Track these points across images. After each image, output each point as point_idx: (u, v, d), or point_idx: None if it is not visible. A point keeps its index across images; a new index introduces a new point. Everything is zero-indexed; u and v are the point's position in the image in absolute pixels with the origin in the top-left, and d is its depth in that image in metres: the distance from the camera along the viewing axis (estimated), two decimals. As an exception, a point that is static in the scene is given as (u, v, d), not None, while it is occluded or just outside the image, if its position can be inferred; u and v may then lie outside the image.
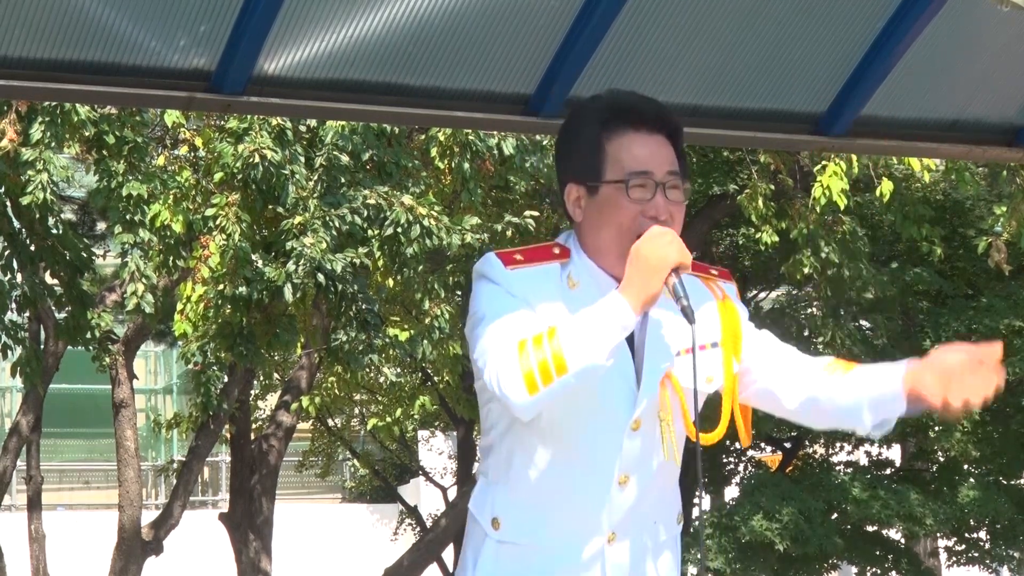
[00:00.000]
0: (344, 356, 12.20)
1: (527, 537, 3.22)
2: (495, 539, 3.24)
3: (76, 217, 17.01)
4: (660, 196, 3.17)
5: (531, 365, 3.00)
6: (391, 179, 11.64)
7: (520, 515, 3.23)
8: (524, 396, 3.02)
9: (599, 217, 3.20)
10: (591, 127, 3.23)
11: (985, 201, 17.16)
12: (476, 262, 3.27)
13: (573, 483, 3.19)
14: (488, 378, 3.07)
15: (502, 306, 3.14)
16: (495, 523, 3.24)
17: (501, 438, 3.25)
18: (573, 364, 2.99)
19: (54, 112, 10.44)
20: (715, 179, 16.75)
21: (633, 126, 3.20)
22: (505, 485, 3.25)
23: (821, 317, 16.94)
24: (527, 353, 3.01)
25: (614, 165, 3.18)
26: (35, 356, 12.34)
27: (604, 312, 3.02)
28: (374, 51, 4.74)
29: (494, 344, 3.08)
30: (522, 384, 3.01)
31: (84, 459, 29.52)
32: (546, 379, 3.00)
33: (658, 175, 3.17)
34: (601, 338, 3.00)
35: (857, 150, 7.61)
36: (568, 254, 3.23)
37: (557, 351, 2.99)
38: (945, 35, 5.21)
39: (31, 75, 4.50)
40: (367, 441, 25.75)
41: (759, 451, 20.59)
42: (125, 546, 14.63)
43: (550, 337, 3.01)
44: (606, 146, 3.19)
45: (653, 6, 4.89)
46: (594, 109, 3.26)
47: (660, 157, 3.19)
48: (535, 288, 3.16)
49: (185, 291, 11.92)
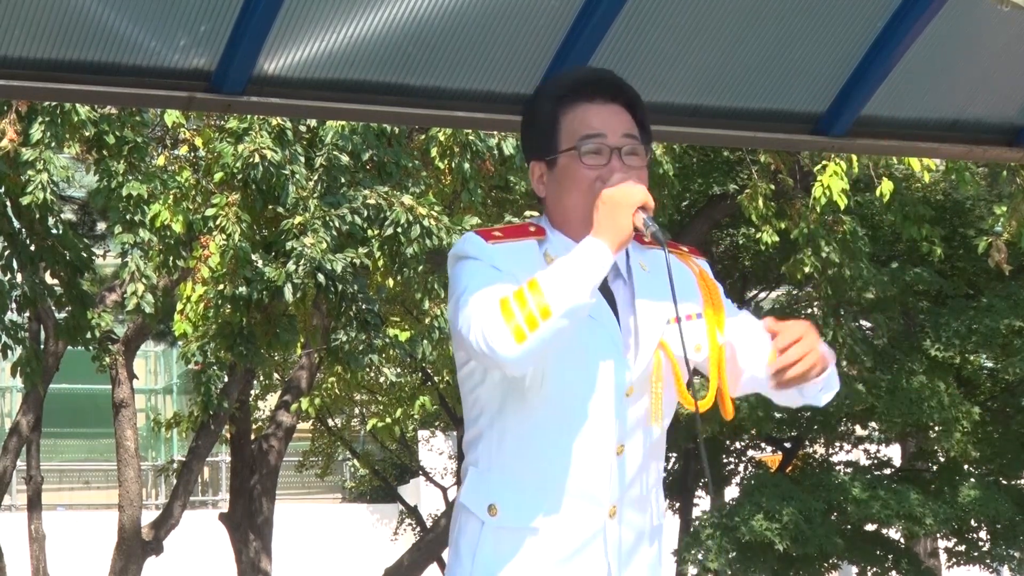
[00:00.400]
0: (344, 356, 12.20)
1: (527, 518, 3.20)
2: (493, 526, 3.22)
3: (76, 217, 17.01)
4: (616, 160, 3.20)
5: (516, 317, 3.01)
6: (391, 179, 11.64)
7: (518, 497, 3.21)
8: (513, 348, 3.02)
9: (559, 188, 3.24)
10: (547, 103, 3.28)
11: (985, 201, 17.16)
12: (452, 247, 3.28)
13: (571, 455, 3.18)
14: (474, 338, 3.06)
15: (485, 277, 3.15)
16: (492, 509, 3.22)
17: (491, 423, 3.24)
18: (557, 307, 3.00)
19: (54, 112, 10.44)
20: (715, 179, 16.76)
21: (587, 97, 3.24)
22: (500, 470, 3.22)
23: (821, 317, 16.93)
24: (510, 307, 3.02)
25: (567, 136, 3.23)
26: (35, 356, 12.34)
27: (581, 254, 3.05)
28: (374, 51, 4.74)
29: (477, 307, 3.08)
30: (510, 336, 3.01)
31: (84, 459, 29.52)
32: (532, 326, 3.01)
33: (611, 139, 3.21)
34: (582, 277, 3.03)
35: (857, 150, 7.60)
36: (543, 232, 3.26)
37: (540, 297, 3.01)
38: (945, 35, 5.21)
39: (31, 75, 4.50)
40: (367, 441, 25.75)
41: (759, 451, 20.59)
42: (125, 546, 14.63)
43: (531, 287, 3.03)
44: (561, 120, 3.24)
45: (653, 6, 4.89)
46: (550, 87, 3.33)
47: (614, 122, 3.23)
48: (518, 261, 3.19)
49: (185, 291, 11.92)
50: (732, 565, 17.66)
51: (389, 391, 18.60)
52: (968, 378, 18.24)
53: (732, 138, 5.66)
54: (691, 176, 16.76)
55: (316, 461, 24.15)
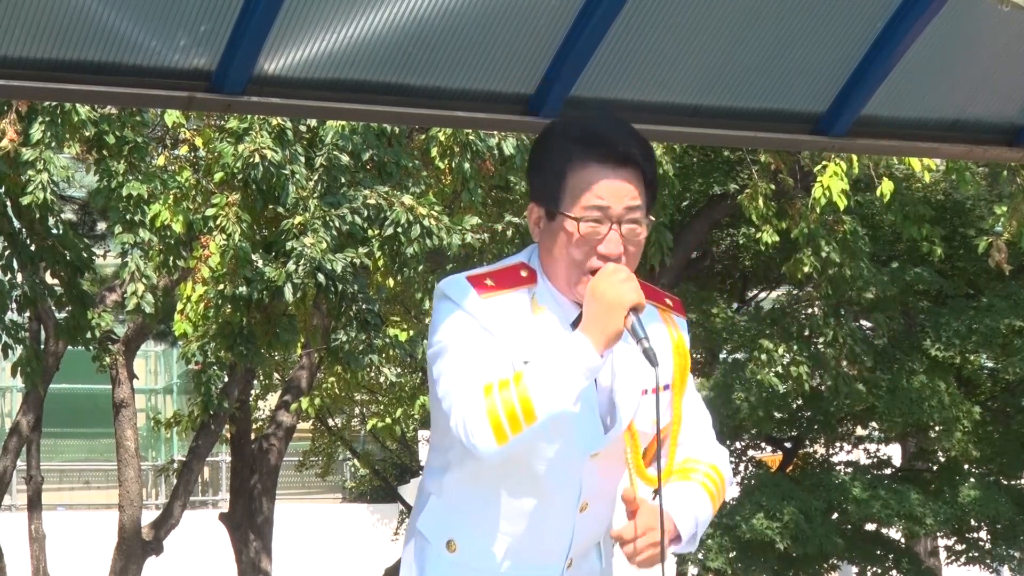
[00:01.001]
0: (344, 356, 12.20)
1: (486, 562, 3.20)
2: (448, 561, 3.22)
3: (76, 217, 17.01)
4: (615, 233, 3.13)
5: (499, 413, 2.98)
6: (391, 179, 11.64)
7: (480, 540, 3.21)
8: (492, 445, 3.00)
9: (553, 244, 3.17)
10: (558, 153, 3.19)
11: (985, 201, 17.16)
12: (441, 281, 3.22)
13: (537, 511, 3.18)
14: (454, 424, 3.03)
15: (468, 340, 3.09)
16: (451, 545, 3.22)
17: (461, 462, 3.21)
18: (541, 411, 2.98)
19: (54, 112, 10.44)
20: (715, 179, 16.75)
21: (598, 159, 3.15)
22: (464, 509, 3.22)
23: (821, 317, 16.93)
24: (494, 400, 2.99)
25: (572, 196, 3.15)
26: (35, 356, 12.34)
27: (569, 355, 2.99)
28: (374, 51, 4.74)
29: (459, 387, 3.05)
30: (490, 433, 2.99)
31: (84, 459, 29.51)
32: (515, 428, 2.98)
33: (615, 210, 3.13)
34: (568, 383, 2.98)
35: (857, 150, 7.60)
36: (534, 277, 3.20)
37: (525, 398, 2.97)
38: (945, 35, 5.21)
39: (31, 75, 4.50)
40: (367, 441, 25.75)
41: (759, 451, 20.58)
42: (125, 546, 14.63)
43: (516, 383, 2.98)
44: (568, 175, 3.15)
45: (653, 6, 4.89)
46: (564, 134, 3.21)
47: (621, 192, 3.14)
48: (505, 316, 3.13)
49: (185, 291, 11.92)
50: (732, 564, 17.65)
51: (389, 391, 18.59)
52: (968, 378, 18.23)
53: (732, 138, 5.66)
54: (691, 176, 16.75)
55: (316, 461, 24.14)
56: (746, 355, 17.20)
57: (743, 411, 16.91)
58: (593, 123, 3.23)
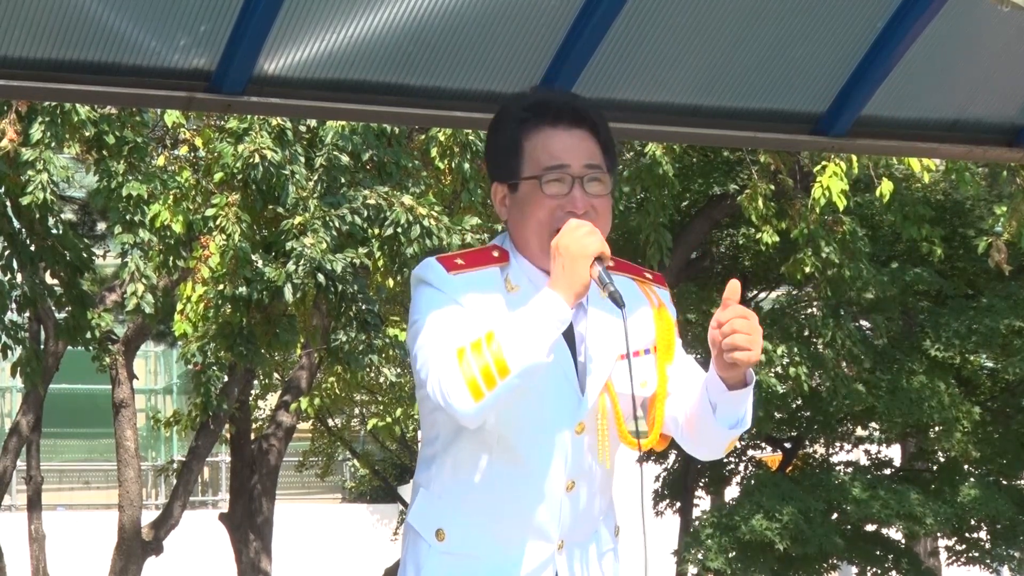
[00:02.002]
0: (344, 356, 12.20)
1: (476, 548, 3.19)
2: (439, 551, 3.21)
3: (76, 217, 17.02)
4: (578, 190, 3.16)
5: (473, 372, 3.00)
6: (391, 179, 11.64)
7: (467, 526, 3.20)
8: (470, 404, 3.01)
9: (520, 214, 3.21)
10: (511, 126, 3.24)
11: (985, 201, 17.15)
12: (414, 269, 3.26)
13: (522, 491, 3.17)
14: (431, 389, 3.06)
15: (441, 313, 3.12)
16: (439, 534, 3.21)
17: (446, 449, 3.22)
18: (515, 365, 2.99)
19: (54, 112, 10.44)
20: (715, 179, 16.75)
21: (550, 122, 3.20)
22: (450, 496, 3.22)
23: (821, 317, 16.93)
24: (467, 360, 3.01)
25: (531, 162, 3.19)
26: (35, 356, 12.34)
27: (539, 309, 3.02)
28: (374, 51, 4.74)
29: (434, 354, 3.07)
30: (466, 392, 3.00)
31: (84, 459, 29.51)
32: (490, 384, 2.99)
33: (575, 168, 3.17)
34: (539, 335, 3.00)
35: (857, 150, 7.60)
36: (507, 257, 3.24)
37: (497, 354, 2.99)
38: (945, 35, 5.21)
39: (31, 75, 4.50)
40: (367, 441, 25.75)
41: (759, 451, 20.58)
42: (125, 546, 14.63)
43: (488, 341, 3.00)
44: (524, 144, 3.20)
45: (653, 6, 4.89)
46: (514, 108, 3.27)
47: (578, 150, 3.18)
48: (477, 293, 3.16)
49: (185, 291, 11.92)
50: (732, 565, 17.65)
51: (389, 391, 18.60)
52: (968, 378, 18.23)
53: (732, 138, 5.66)
54: (691, 176, 16.75)
55: (316, 461, 24.15)
56: (746, 355, 17.16)
57: (743, 411, 16.87)
58: (540, 94, 3.32)
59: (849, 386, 16.90)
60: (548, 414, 3.15)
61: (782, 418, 18.79)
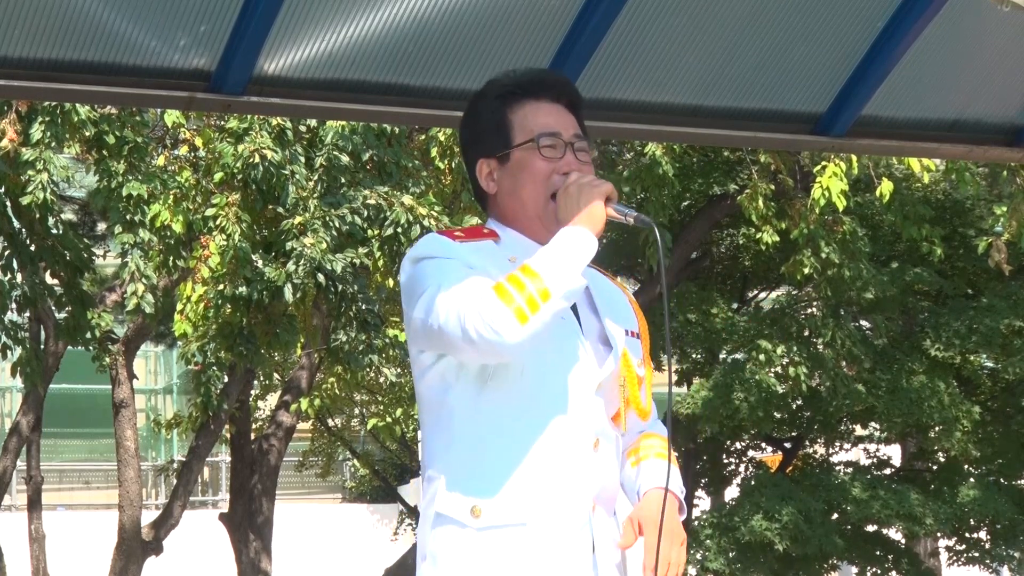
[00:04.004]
0: (344, 356, 12.20)
1: (514, 515, 3.16)
2: (475, 529, 3.17)
3: (76, 217, 17.02)
4: (570, 154, 3.31)
5: (516, 300, 3.08)
6: (391, 179, 11.63)
7: (503, 495, 3.17)
8: (518, 329, 3.08)
9: (514, 182, 3.31)
10: (493, 103, 3.37)
11: (985, 201, 17.16)
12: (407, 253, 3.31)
13: (553, 449, 3.18)
14: (471, 326, 3.08)
15: (460, 273, 3.18)
16: (475, 511, 3.17)
17: (464, 426, 3.21)
18: (556, 288, 3.09)
19: (54, 112, 10.44)
20: (715, 179, 16.76)
21: (533, 96, 3.35)
22: (480, 472, 3.19)
23: (821, 317, 16.94)
24: (508, 292, 3.09)
25: (521, 131, 3.32)
26: (35, 356, 12.34)
27: (567, 240, 3.15)
28: (374, 51, 4.74)
29: (467, 297, 3.12)
30: (513, 318, 3.07)
31: (84, 459, 29.52)
32: (534, 308, 3.08)
33: (566, 136, 3.32)
34: (572, 260, 3.12)
35: (857, 150, 7.60)
36: (495, 234, 3.33)
37: (537, 281, 3.09)
38: (945, 35, 5.21)
39: (31, 75, 4.50)
40: (367, 441, 25.75)
41: (759, 451, 20.59)
42: (125, 546, 14.63)
43: (525, 272, 3.11)
44: (510, 117, 3.33)
45: (653, 6, 4.89)
46: (493, 88, 3.39)
47: (565, 121, 3.34)
48: (486, 259, 3.24)
49: (185, 291, 11.92)
50: (732, 565, 17.65)
51: (389, 391, 18.60)
52: (968, 378, 18.24)
53: (732, 138, 5.66)
54: (691, 176, 16.75)
55: (316, 461, 24.14)
56: (745, 355, 17.20)
57: (742, 411, 16.90)
58: (521, 71, 3.44)
59: (849, 386, 16.90)
60: (568, 372, 3.21)
61: (782, 418, 18.79)
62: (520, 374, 3.18)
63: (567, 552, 3.17)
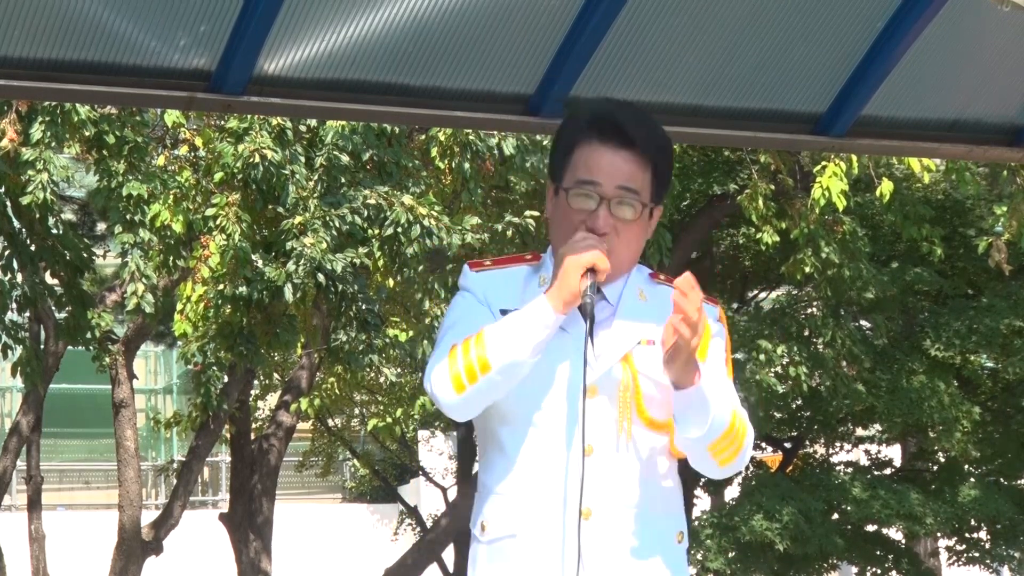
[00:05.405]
0: (344, 356, 12.20)
1: (507, 527, 3.27)
2: (484, 543, 3.31)
3: (76, 217, 17.01)
4: (604, 209, 3.26)
5: (458, 367, 3.19)
6: (391, 179, 11.63)
7: (502, 510, 3.29)
8: (451, 395, 3.20)
9: (554, 218, 3.35)
10: (570, 131, 3.34)
11: (985, 201, 17.16)
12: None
13: (542, 458, 3.25)
14: (425, 381, 3.26)
15: (459, 314, 3.33)
16: (482, 527, 3.32)
17: (483, 447, 3.37)
18: (496, 361, 3.16)
19: (54, 112, 10.44)
20: (715, 179, 16.75)
21: (600, 138, 3.28)
22: (490, 489, 3.32)
23: (821, 317, 16.93)
24: (456, 356, 3.20)
25: (572, 172, 3.30)
26: (35, 356, 12.34)
27: (528, 313, 3.19)
28: (374, 51, 4.74)
29: (436, 354, 3.28)
30: (450, 384, 3.20)
31: (84, 459, 29.52)
32: (471, 378, 3.18)
33: (606, 188, 3.25)
34: (524, 336, 3.16)
35: (857, 150, 7.61)
36: (539, 258, 3.38)
37: (481, 352, 3.17)
38: (945, 35, 5.21)
39: (31, 75, 4.50)
40: (367, 441, 25.74)
41: (759, 451, 20.59)
42: (125, 546, 14.63)
43: (477, 340, 3.19)
44: (575, 151, 3.30)
45: (653, 6, 4.89)
46: (579, 113, 3.37)
47: (615, 171, 3.26)
48: (497, 288, 3.33)
49: (185, 291, 11.91)
50: (732, 565, 17.65)
51: (389, 391, 18.59)
52: (968, 378, 18.23)
53: (732, 138, 5.67)
54: (691, 176, 16.75)
55: (316, 461, 24.14)
56: (746, 355, 17.20)
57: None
58: (607, 105, 3.37)
59: (849, 386, 16.90)
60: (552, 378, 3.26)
61: (782, 418, 18.79)
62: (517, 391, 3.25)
63: (552, 562, 3.22)
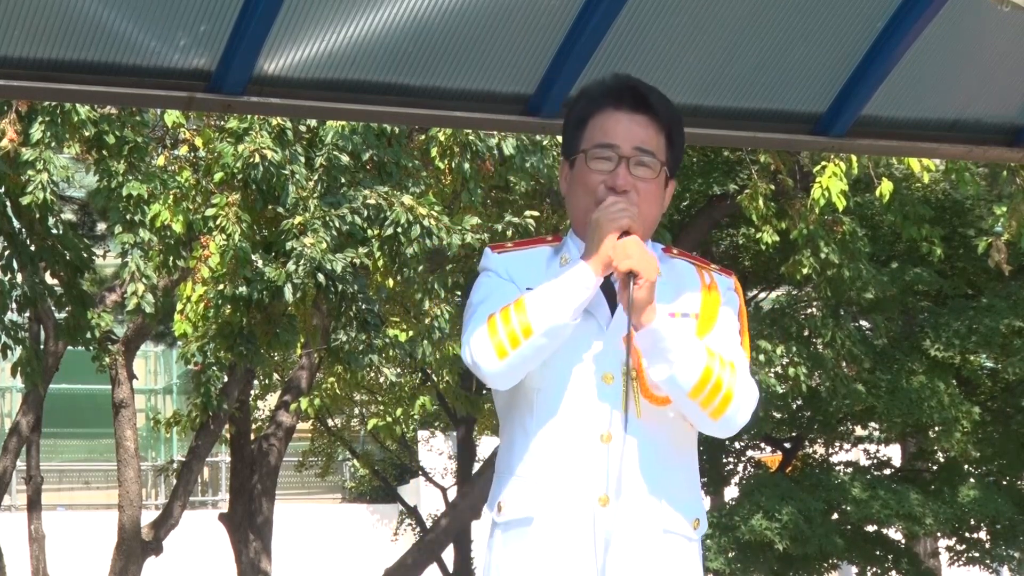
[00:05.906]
0: (344, 356, 12.20)
1: (523, 509, 3.29)
2: (500, 524, 3.33)
3: (76, 217, 17.01)
4: (622, 168, 3.31)
5: (500, 334, 3.20)
6: (391, 179, 11.63)
7: (519, 492, 3.31)
8: (495, 363, 3.21)
9: (572, 188, 3.39)
10: (582, 106, 3.41)
11: (985, 201, 17.16)
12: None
13: (560, 443, 3.27)
14: (465, 352, 3.26)
15: (487, 291, 3.34)
16: (499, 508, 3.34)
17: (504, 427, 3.39)
18: (539, 326, 3.18)
19: (54, 112, 10.44)
20: (715, 179, 16.75)
21: (614, 105, 3.35)
22: (509, 470, 3.34)
23: (821, 317, 16.93)
24: (496, 325, 3.21)
25: (588, 139, 3.35)
26: (35, 356, 12.33)
27: (568, 277, 3.21)
28: (374, 51, 4.74)
29: (472, 323, 3.28)
30: (492, 352, 3.20)
31: (84, 459, 29.52)
32: (514, 343, 3.19)
33: (624, 149, 3.32)
34: (565, 299, 3.19)
35: (857, 150, 7.61)
36: (560, 239, 3.42)
37: (523, 318, 3.19)
38: (945, 35, 5.21)
39: (31, 75, 4.50)
40: (367, 441, 25.74)
41: (759, 451, 20.59)
42: (125, 546, 14.63)
43: (517, 307, 3.21)
44: (589, 121, 3.37)
45: (653, 6, 4.89)
46: (590, 90, 3.43)
47: (631, 133, 3.33)
48: (521, 267, 3.36)
49: (185, 291, 11.91)
50: (732, 565, 17.65)
51: (389, 391, 18.59)
52: (968, 378, 18.24)
53: (732, 138, 5.67)
54: (691, 176, 16.75)
55: (316, 461, 24.13)
56: (746, 355, 17.17)
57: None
58: (620, 76, 3.45)
59: (849, 386, 16.90)
60: (573, 364, 3.28)
61: (782, 418, 18.79)
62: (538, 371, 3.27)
63: (568, 548, 3.24)
